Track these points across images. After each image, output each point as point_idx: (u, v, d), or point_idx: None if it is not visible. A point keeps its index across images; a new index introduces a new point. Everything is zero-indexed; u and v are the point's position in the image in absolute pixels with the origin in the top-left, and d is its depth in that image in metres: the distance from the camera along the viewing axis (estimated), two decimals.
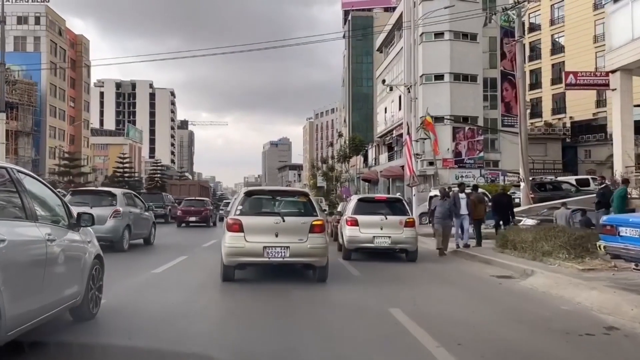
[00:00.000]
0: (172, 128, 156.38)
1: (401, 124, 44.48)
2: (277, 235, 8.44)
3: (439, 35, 39.11)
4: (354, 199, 14.03)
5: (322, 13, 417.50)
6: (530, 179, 25.00)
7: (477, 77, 39.97)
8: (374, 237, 12.30)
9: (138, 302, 7.26)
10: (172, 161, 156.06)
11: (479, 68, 39.96)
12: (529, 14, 44.05)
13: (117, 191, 15.18)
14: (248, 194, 9.27)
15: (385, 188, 49.48)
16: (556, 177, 33.05)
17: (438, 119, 38.73)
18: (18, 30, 71.75)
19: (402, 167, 43.66)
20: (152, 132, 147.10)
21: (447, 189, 15.47)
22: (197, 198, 31.03)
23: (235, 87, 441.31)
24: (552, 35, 58.86)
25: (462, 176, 38.84)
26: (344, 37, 75.86)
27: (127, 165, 59.54)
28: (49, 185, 5.52)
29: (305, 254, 8.55)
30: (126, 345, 5.06)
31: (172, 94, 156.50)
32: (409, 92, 23.97)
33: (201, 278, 9.57)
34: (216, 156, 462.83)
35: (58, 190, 13.97)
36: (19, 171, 4.67)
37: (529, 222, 18.87)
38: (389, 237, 12.29)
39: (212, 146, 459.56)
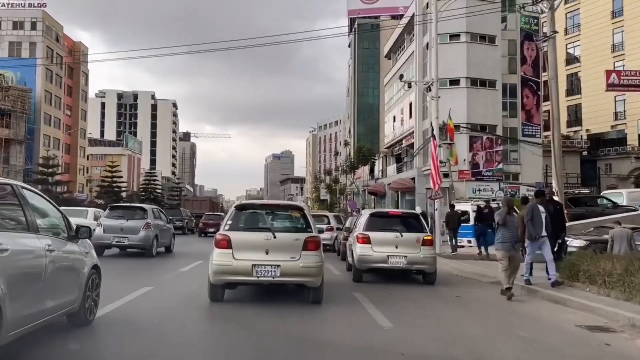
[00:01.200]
0: (174, 140, 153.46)
1: (412, 132, 41.08)
2: (267, 253, 7.80)
3: (454, 37, 35.81)
4: (365, 214, 12.60)
5: (326, 29, 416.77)
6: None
7: (495, 83, 36.61)
8: (388, 256, 11.11)
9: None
10: (173, 173, 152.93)
11: (497, 73, 36.63)
12: (542, 22, 40.95)
13: (148, 207, 17.61)
14: (239, 208, 8.77)
15: (393, 202, 45.93)
16: (590, 192, 29.51)
17: (455, 127, 35.32)
18: (13, 36, 68.89)
19: (413, 179, 40.27)
20: (153, 143, 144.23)
21: (504, 198, 11.88)
22: (214, 213, 37.64)
23: (239, 101, 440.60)
24: (566, 45, 55.71)
25: (479, 189, 35.46)
26: (349, 46, 72.93)
27: (116, 174, 55.69)
28: (50, 200, 5.93)
29: (298, 273, 7.85)
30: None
31: (174, 105, 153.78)
32: (429, 90, 20.61)
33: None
34: (219, 169, 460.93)
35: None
36: (22, 187, 5.18)
37: (575, 243, 15.44)
38: (405, 256, 11.09)
39: (215, 159, 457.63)
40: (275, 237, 7.87)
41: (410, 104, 41.42)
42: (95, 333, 6.14)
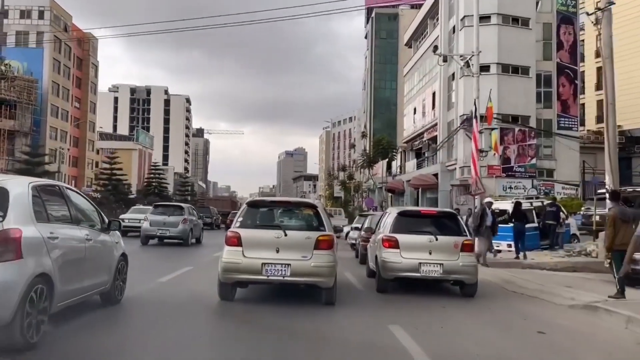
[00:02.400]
0: (187, 135, 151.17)
1: (435, 125, 37.56)
2: (277, 251, 7.46)
3: (484, 18, 31.99)
4: (392, 213, 10.66)
5: (341, 28, 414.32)
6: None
7: (529, 70, 32.90)
8: (420, 263, 9.31)
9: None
10: (186, 169, 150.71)
11: (531, 59, 32.91)
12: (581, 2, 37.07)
13: (185, 205, 21.25)
14: (250, 205, 8.45)
15: (412, 199, 42.47)
16: None
17: (481, 118, 31.77)
18: (20, 25, 66.42)
19: (436, 175, 36.80)
20: (166, 139, 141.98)
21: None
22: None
23: (253, 99, 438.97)
24: (596, 36, 51.46)
25: (510, 187, 31.93)
26: (365, 37, 69.44)
27: (115, 166, 52.53)
28: (87, 197, 7.22)
29: (309, 273, 7.44)
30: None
31: (188, 100, 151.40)
32: (469, 66, 17.28)
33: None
34: (232, 166, 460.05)
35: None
36: (66, 187, 6.50)
37: None
38: (441, 264, 9.28)
39: (229, 156, 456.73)
40: (286, 235, 7.54)
41: (434, 94, 37.88)
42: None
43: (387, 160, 43.24)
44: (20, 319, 4.65)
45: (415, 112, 43.14)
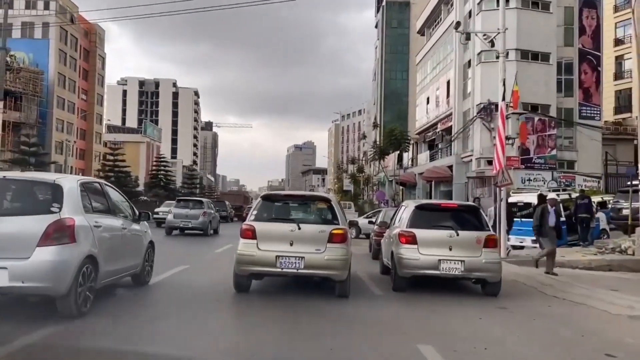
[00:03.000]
0: (195, 129, 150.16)
1: (449, 115, 35.94)
2: (291, 244, 7.56)
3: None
4: (409, 206, 9.96)
5: (351, 20, 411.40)
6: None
7: (549, 56, 31.18)
8: (439, 260, 8.67)
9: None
10: (195, 162, 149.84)
11: (551, 45, 31.17)
12: None
13: (204, 200, 24.31)
14: (265, 198, 8.51)
15: (424, 193, 40.97)
16: None
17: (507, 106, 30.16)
18: (25, 16, 65.31)
19: (450, 167, 35.24)
20: (174, 132, 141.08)
21: None
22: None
23: (262, 93, 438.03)
24: (615, 24, 49.51)
25: (529, 179, 30.36)
26: (376, 26, 67.71)
27: (118, 158, 51.19)
28: (122, 193, 8.14)
29: (322, 266, 7.49)
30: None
31: (196, 93, 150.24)
32: (493, 45, 15.75)
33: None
34: (241, 160, 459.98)
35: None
36: (105, 184, 7.55)
37: None
38: (462, 261, 8.64)
39: (238, 150, 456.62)
40: (300, 229, 7.63)
41: (448, 83, 36.23)
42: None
43: (398, 152, 41.67)
44: (74, 292, 5.62)
45: (428, 102, 41.49)
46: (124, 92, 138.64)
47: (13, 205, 6.06)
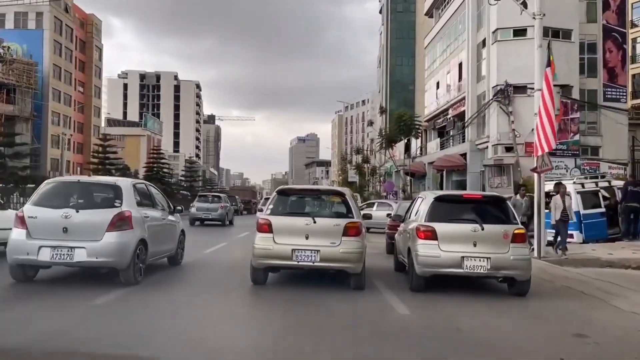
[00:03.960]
0: (198, 122, 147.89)
1: (462, 99, 33.51)
2: (307, 238, 7.66)
3: None
4: (427, 197, 8.73)
5: (354, 12, 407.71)
6: None
7: (571, 34, 28.66)
8: (462, 257, 7.74)
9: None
10: (197, 155, 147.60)
11: (573, 21, 28.63)
12: None
13: (222, 195, 28.12)
14: (280, 193, 8.60)
15: (435, 183, 38.64)
16: None
17: (519, 88, 27.72)
18: (19, 5, 62.97)
19: (464, 155, 32.86)
20: (176, 125, 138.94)
21: None
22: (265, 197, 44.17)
23: (266, 86, 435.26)
24: (632, 4, 46.76)
25: None
26: (380, 12, 65.09)
27: (110, 150, 48.67)
28: (159, 190, 10.38)
29: (337, 259, 7.60)
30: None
31: (198, 86, 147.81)
32: (526, 7, 13.46)
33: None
34: (245, 153, 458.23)
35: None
36: (149, 185, 9.69)
37: None
38: (488, 257, 7.72)
39: (242, 143, 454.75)
40: (315, 222, 7.68)
41: (460, 65, 33.75)
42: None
43: (407, 140, 39.25)
44: (132, 266, 7.54)
45: (438, 87, 38.99)
46: (125, 86, 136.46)
47: (87, 202, 7.94)
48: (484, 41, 30.39)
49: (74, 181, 8.56)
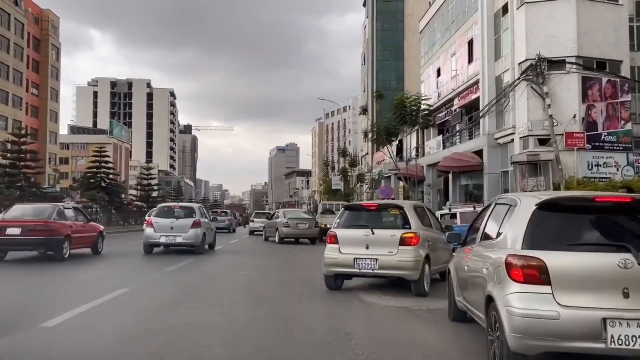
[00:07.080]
0: (172, 131, 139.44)
1: (474, 84, 26.57)
2: (367, 247, 8.15)
3: None
4: (523, 201, 4.41)
5: (332, 23, 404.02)
6: None
7: None
8: (604, 318, 4.17)
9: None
10: (172, 166, 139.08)
11: None
12: None
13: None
14: (346, 208, 9.25)
15: (434, 189, 31.70)
16: None
17: (556, 63, 20.85)
18: None
19: (479, 152, 25.91)
20: (149, 135, 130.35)
21: None
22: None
23: (245, 98, 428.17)
24: None
25: (597, 164, 21.20)
26: (364, 4, 58.41)
27: (104, 162, 39.69)
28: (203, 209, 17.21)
29: (394, 266, 7.99)
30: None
31: (172, 94, 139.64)
32: None
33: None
34: (225, 165, 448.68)
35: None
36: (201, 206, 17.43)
37: None
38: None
39: (221, 155, 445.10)
40: (373, 234, 8.09)
41: (470, 42, 26.88)
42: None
43: (398, 140, 32.29)
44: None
45: (439, 74, 32.09)
46: (95, 94, 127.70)
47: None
48: (504, 7, 23.56)
49: None
